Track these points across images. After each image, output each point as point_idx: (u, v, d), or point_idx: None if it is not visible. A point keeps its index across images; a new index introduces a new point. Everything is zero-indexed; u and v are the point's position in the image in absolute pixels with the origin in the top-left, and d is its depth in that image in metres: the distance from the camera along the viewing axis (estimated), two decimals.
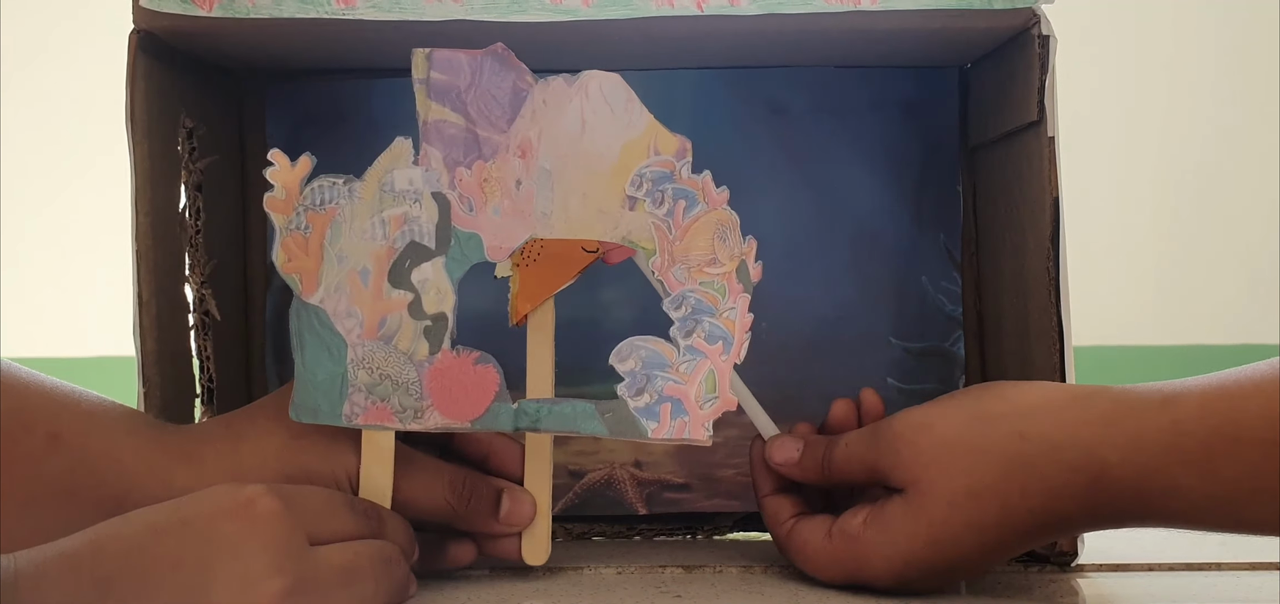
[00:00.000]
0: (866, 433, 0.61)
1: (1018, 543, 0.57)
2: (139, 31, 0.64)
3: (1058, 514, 0.56)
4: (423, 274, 0.60)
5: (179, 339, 0.69)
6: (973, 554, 0.57)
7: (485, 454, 0.64)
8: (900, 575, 0.58)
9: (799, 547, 0.62)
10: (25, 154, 2.05)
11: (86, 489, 0.58)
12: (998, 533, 0.57)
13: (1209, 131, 2.04)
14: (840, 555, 0.60)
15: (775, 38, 0.70)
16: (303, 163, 0.59)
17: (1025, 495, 0.56)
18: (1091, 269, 1.92)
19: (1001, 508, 0.56)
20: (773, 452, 0.63)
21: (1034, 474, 0.56)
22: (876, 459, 0.59)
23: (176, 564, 0.50)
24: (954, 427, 0.57)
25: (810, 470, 0.62)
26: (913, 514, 0.57)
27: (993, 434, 0.57)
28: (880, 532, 0.58)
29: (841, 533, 0.60)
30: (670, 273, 0.59)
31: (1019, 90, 0.67)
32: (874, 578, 0.59)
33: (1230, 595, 0.59)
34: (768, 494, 0.64)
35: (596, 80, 0.59)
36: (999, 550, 0.58)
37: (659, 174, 0.59)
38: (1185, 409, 0.54)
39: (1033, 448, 0.56)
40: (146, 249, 0.65)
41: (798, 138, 0.76)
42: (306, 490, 0.56)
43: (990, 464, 0.56)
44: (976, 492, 0.56)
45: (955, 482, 0.57)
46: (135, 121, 0.64)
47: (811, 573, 0.61)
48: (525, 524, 0.63)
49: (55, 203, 2.07)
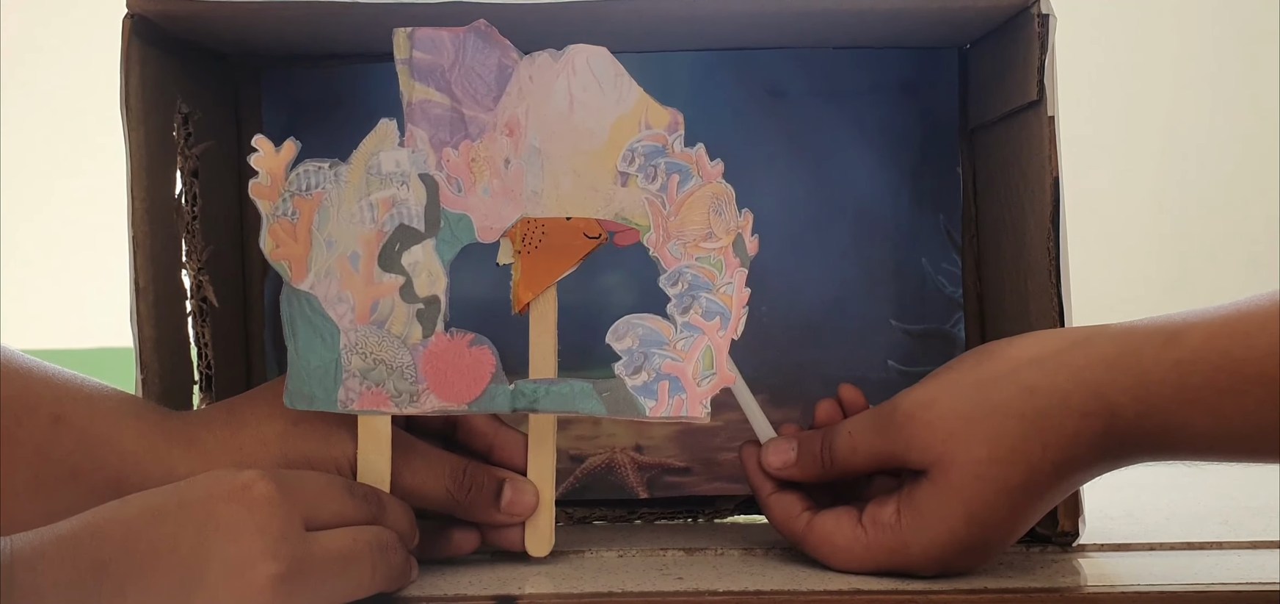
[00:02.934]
0: (869, 419, 0.60)
1: (1045, 501, 0.57)
2: (133, 16, 0.64)
3: (1078, 461, 0.56)
4: (413, 257, 0.59)
5: (176, 326, 0.68)
6: (1007, 521, 0.57)
7: (490, 446, 0.64)
8: (941, 559, 0.58)
9: (823, 541, 0.60)
10: (18, 143, 2.05)
11: (89, 472, 0.58)
12: (1026, 494, 0.56)
13: (1211, 115, 2.03)
14: (875, 548, 0.59)
15: (774, 19, 0.69)
16: (287, 148, 0.59)
17: (1047, 449, 0.55)
18: (1092, 254, 1.91)
19: (1027, 467, 0.56)
20: (768, 457, 0.62)
21: (1050, 426, 0.55)
22: (887, 445, 0.59)
23: (172, 548, 0.50)
24: (961, 397, 0.57)
25: (810, 468, 0.62)
26: (944, 493, 0.57)
27: (1001, 396, 0.56)
28: (916, 517, 0.57)
29: (875, 524, 0.59)
30: (665, 249, 0.59)
31: (1019, 70, 0.67)
32: (913, 565, 0.58)
33: (1231, 574, 0.59)
34: (770, 494, 0.63)
35: (583, 54, 0.58)
36: (1029, 512, 0.57)
37: (651, 149, 0.59)
38: (1189, 347, 0.54)
39: (1044, 401, 0.55)
40: (143, 236, 0.65)
41: (797, 120, 0.76)
42: (304, 475, 0.56)
43: (1007, 426, 0.56)
44: (1000, 456, 0.56)
45: (976, 451, 0.56)
46: (130, 108, 0.64)
47: (840, 566, 0.60)
48: (527, 514, 0.63)
49: (50, 192, 2.07)
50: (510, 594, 0.57)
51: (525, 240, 0.60)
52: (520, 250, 0.60)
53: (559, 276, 0.61)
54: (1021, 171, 0.68)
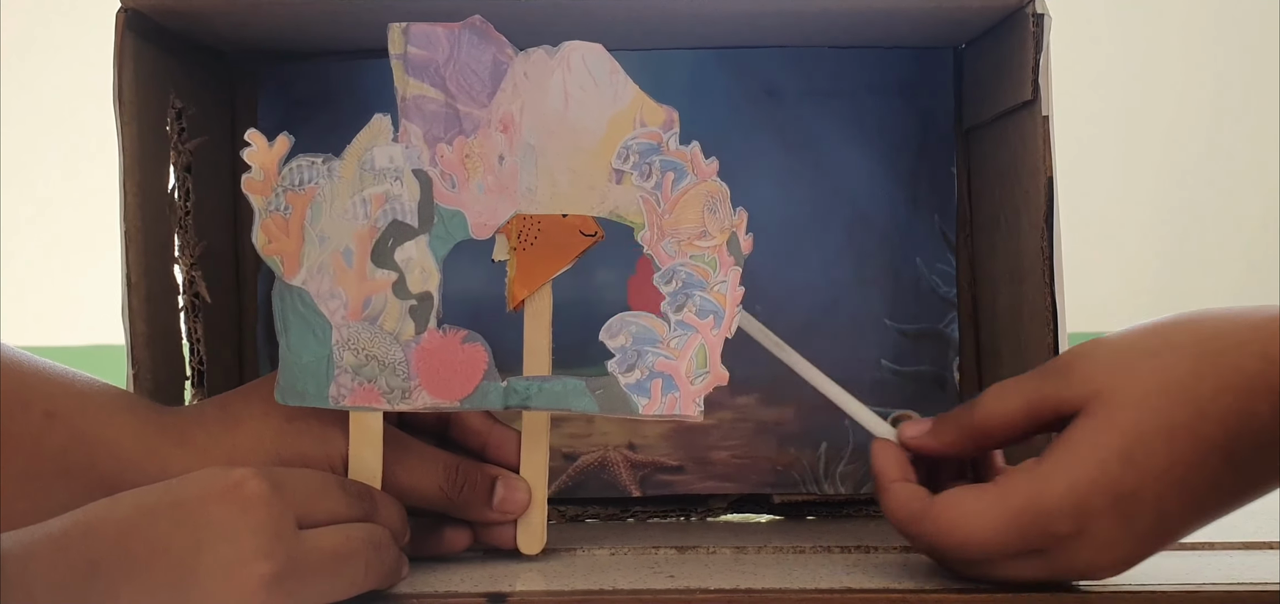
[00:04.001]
0: (1022, 377, 0.57)
1: (1209, 466, 0.52)
2: (127, 10, 0.64)
3: (1252, 419, 0.51)
4: (406, 253, 0.59)
5: (169, 321, 0.68)
6: (1165, 475, 0.52)
7: (484, 443, 0.64)
8: (1083, 505, 0.53)
9: (948, 507, 0.56)
10: (11, 138, 2.04)
11: (81, 469, 0.58)
12: (1191, 440, 0.52)
13: (1208, 116, 2.03)
14: (1011, 496, 0.54)
15: (770, 18, 0.69)
16: (280, 143, 0.59)
17: (1219, 393, 0.52)
18: (1086, 255, 1.91)
19: (1195, 407, 0.52)
20: (903, 431, 0.60)
21: (1226, 366, 0.52)
22: (1043, 386, 0.55)
23: (165, 546, 0.50)
24: (1133, 336, 0.54)
25: (947, 436, 0.59)
26: (1100, 424, 0.53)
27: (1177, 336, 0.53)
28: (1063, 453, 0.53)
29: (1009, 477, 0.55)
30: (660, 247, 0.59)
31: (1014, 70, 0.67)
32: (1051, 516, 0.53)
33: (1228, 575, 0.59)
34: (892, 482, 0.59)
35: (579, 51, 0.58)
36: (1190, 475, 0.52)
37: (646, 146, 0.59)
38: None
39: (1221, 343, 0.52)
40: (135, 231, 0.65)
41: (792, 119, 0.76)
42: (297, 473, 0.56)
43: (1179, 360, 0.53)
44: (1166, 387, 0.52)
45: (1143, 382, 0.53)
46: (123, 102, 0.64)
47: (966, 533, 0.55)
48: (519, 512, 0.63)
49: (43, 189, 2.06)
50: (501, 592, 0.57)
51: (521, 237, 0.60)
52: (515, 247, 0.60)
53: (554, 273, 0.60)
54: (1016, 171, 0.68)
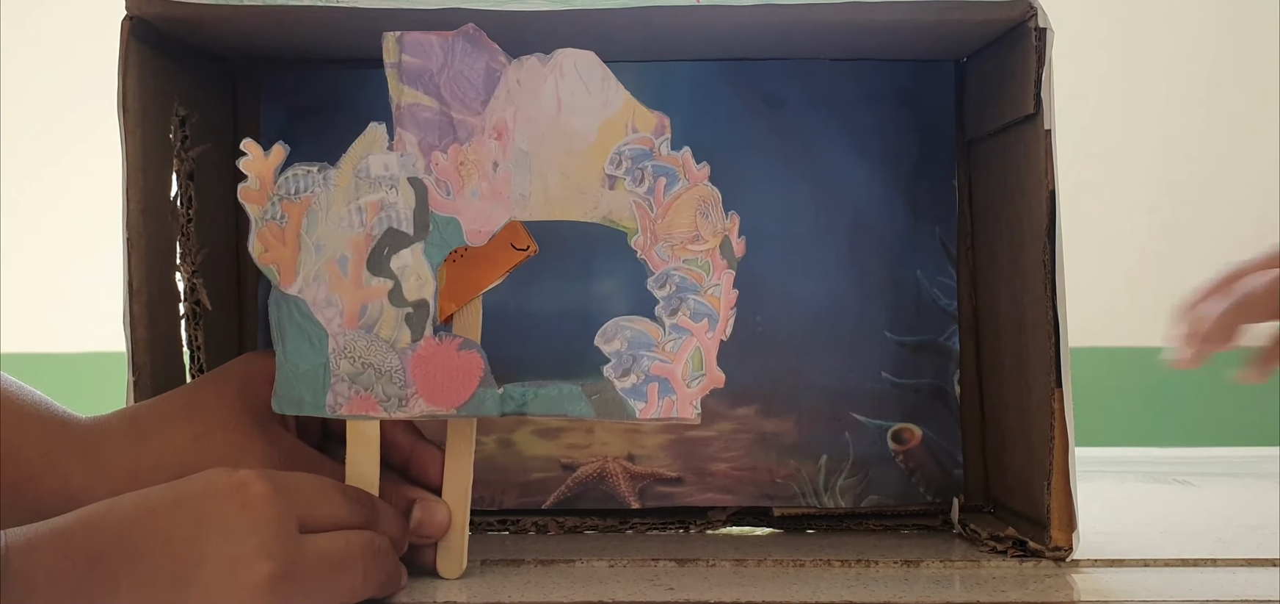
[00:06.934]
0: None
1: None
2: (132, 18, 0.64)
3: None
4: (402, 260, 0.59)
5: (170, 328, 0.69)
6: None
7: (406, 460, 0.63)
8: None
9: None
10: (14, 144, 2.05)
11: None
12: None
13: (1208, 130, 2.02)
14: None
15: (772, 30, 0.69)
16: (276, 151, 0.59)
17: None
18: (1087, 268, 1.90)
19: None
20: None
21: None
22: None
23: (166, 542, 0.50)
24: None
25: None
26: None
27: None
28: None
29: None
30: (653, 251, 0.59)
31: (1015, 83, 0.67)
32: None
33: (1228, 591, 0.59)
34: None
35: (571, 58, 0.59)
36: None
37: (638, 151, 0.59)
38: None
39: None
40: (137, 238, 0.65)
41: (794, 131, 0.76)
42: (299, 477, 0.56)
43: None
44: None
45: None
46: (127, 109, 0.64)
47: None
48: (438, 535, 0.61)
49: (46, 195, 2.07)
50: (500, 603, 0.57)
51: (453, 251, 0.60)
52: (447, 260, 0.60)
53: (485, 288, 0.61)
54: (1017, 185, 0.68)
